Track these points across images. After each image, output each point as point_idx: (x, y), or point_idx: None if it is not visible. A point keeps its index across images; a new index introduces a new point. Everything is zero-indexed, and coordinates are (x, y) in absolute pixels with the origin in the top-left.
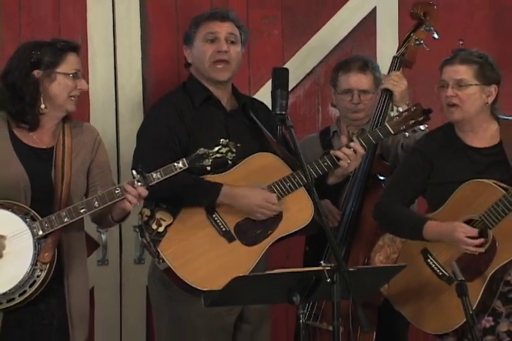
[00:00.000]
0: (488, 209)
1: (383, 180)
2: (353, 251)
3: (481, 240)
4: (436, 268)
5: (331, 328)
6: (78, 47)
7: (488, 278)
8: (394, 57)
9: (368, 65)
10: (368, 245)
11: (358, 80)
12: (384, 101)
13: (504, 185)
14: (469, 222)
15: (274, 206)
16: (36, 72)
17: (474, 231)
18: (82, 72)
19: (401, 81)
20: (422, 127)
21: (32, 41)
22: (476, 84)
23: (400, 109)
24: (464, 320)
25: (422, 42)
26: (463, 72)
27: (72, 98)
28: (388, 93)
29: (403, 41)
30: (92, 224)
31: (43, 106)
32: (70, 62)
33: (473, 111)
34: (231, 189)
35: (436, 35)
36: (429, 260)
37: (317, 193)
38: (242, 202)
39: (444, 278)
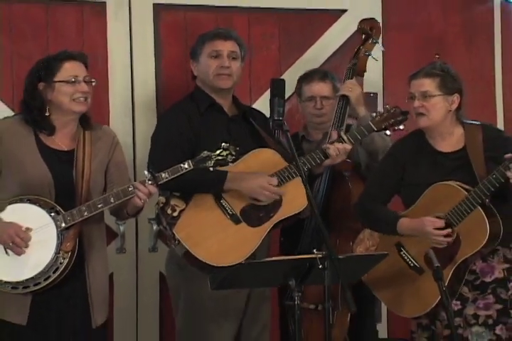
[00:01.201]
0: (453, 209)
1: (346, 175)
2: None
3: (448, 230)
4: (408, 259)
5: (311, 306)
6: (77, 56)
7: (454, 268)
8: (347, 67)
9: (327, 75)
10: (336, 231)
11: (320, 88)
12: (342, 106)
13: (467, 187)
14: None
15: (275, 188)
16: (40, 85)
17: (441, 222)
18: (85, 77)
19: (355, 87)
20: (401, 126)
21: (44, 57)
22: (439, 95)
23: (381, 110)
24: (436, 302)
25: (370, 53)
26: (427, 84)
27: (76, 100)
28: (345, 98)
29: (354, 53)
30: (112, 216)
31: (47, 114)
32: (66, 70)
33: (439, 119)
34: (236, 174)
35: (382, 48)
36: (402, 252)
37: None
38: (247, 185)
39: (414, 269)
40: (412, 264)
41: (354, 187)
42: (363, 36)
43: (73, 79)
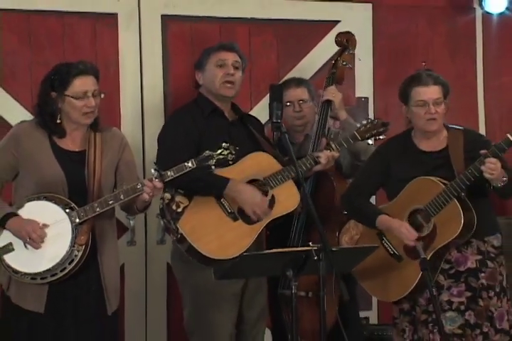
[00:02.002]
0: (431, 201)
1: (330, 174)
2: (314, 231)
3: (418, 243)
4: (389, 248)
5: (301, 294)
6: (88, 70)
7: (430, 256)
8: (327, 77)
9: (301, 81)
10: (323, 223)
11: (297, 93)
12: (324, 110)
13: (445, 181)
14: (416, 211)
15: (265, 209)
16: (53, 94)
17: (414, 234)
18: (94, 91)
19: (337, 93)
20: (381, 136)
21: (58, 64)
22: (444, 101)
23: (364, 121)
24: (414, 285)
25: (347, 63)
26: (438, 91)
27: (85, 114)
28: (327, 104)
29: (333, 64)
30: (123, 212)
31: (59, 121)
32: (77, 86)
33: (442, 122)
34: (236, 185)
35: (359, 58)
36: (383, 241)
37: None
38: (243, 198)
39: (394, 257)
40: (392, 252)
41: (338, 185)
42: (340, 48)
43: (82, 95)
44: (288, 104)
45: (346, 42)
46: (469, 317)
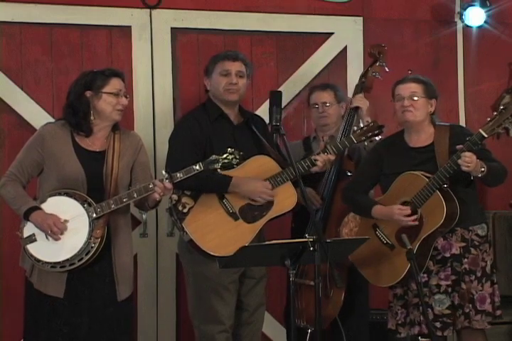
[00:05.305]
0: (417, 194)
1: (350, 175)
2: (328, 226)
3: (414, 217)
4: (382, 237)
5: (311, 283)
6: (120, 74)
7: (418, 244)
8: (356, 85)
9: (328, 85)
10: (338, 221)
11: (320, 96)
12: (351, 116)
13: (428, 175)
14: (404, 204)
15: (269, 192)
16: (88, 93)
17: (408, 209)
18: (124, 92)
19: (365, 100)
20: (377, 138)
21: (87, 70)
22: (423, 97)
23: (361, 124)
24: (405, 272)
25: (377, 74)
26: (414, 87)
27: (117, 110)
28: (354, 110)
29: (363, 73)
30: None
31: (92, 118)
32: (112, 85)
33: (421, 117)
34: (238, 180)
35: (387, 69)
36: (377, 232)
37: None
38: (247, 190)
39: (387, 245)
40: (385, 241)
41: None
42: (373, 59)
43: (117, 93)
44: (313, 105)
45: (378, 54)
46: (454, 298)
